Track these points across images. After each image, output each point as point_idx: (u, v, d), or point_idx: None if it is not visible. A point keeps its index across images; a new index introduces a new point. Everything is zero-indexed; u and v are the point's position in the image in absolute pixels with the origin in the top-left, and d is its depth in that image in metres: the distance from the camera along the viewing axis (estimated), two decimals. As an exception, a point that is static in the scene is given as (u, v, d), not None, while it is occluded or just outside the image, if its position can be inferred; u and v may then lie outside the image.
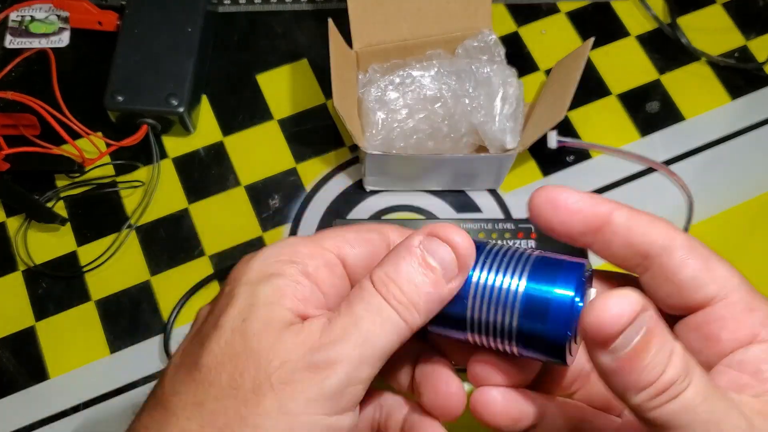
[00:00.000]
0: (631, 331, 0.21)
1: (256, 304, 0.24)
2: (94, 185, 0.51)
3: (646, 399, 0.21)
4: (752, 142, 0.53)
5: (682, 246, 0.26)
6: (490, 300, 0.25)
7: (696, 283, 0.26)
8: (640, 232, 0.25)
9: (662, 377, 0.21)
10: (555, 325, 0.24)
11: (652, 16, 0.57)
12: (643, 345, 0.21)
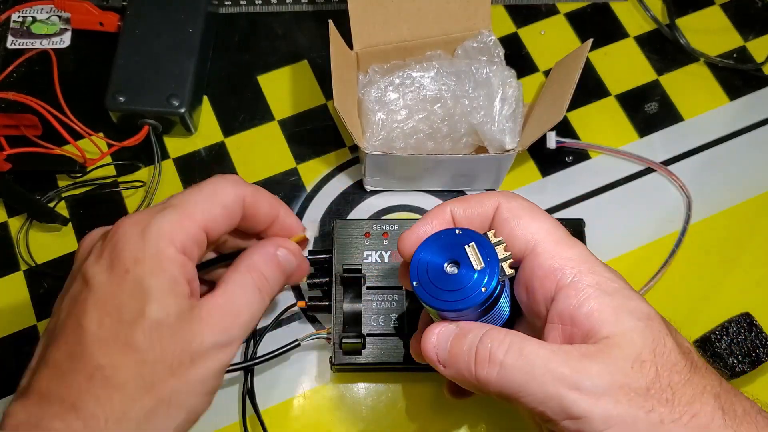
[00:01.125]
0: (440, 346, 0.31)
1: (167, 296, 0.30)
2: (96, 185, 0.51)
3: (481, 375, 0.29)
4: (751, 142, 0.53)
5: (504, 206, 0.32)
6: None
7: (512, 241, 0.31)
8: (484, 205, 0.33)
9: (479, 355, 0.29)
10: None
11: (651, 17, 0.57)
12: (455, 346, 0.30)
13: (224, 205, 0.33)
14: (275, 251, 0.35)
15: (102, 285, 0.30)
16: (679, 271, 0.49)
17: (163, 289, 0.30)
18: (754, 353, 0.44)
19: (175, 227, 0.31)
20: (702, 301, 0.48)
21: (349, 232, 0.45)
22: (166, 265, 0.30)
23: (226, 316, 0.31)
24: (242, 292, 0.32)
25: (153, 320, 0.29)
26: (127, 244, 0.30)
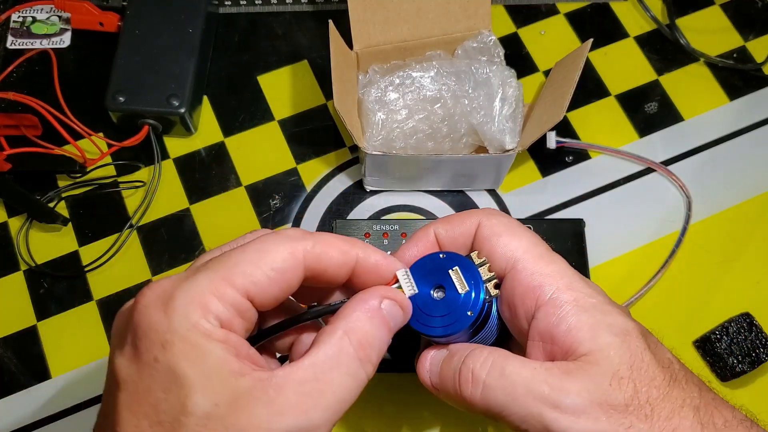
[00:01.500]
0: (432, 371, 0.31)
1: (213, 383, 0.24)
2: (96, 185, 0.51)
3: (466, 395, 0.29)
4: (751, 142, 0.53)
5: (485, 225, 0.31)
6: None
7: (493, 259, 0.31)
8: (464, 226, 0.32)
9: (462, 375, 0.29)
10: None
11: (651, 17, 0.57)
12: (444, 369, 0.30)
13: (273, 267, 0.26)
14: (379, 304, 0.28)
15: (131, 380, 0.25)
16: (679, 271, 0.49)
17: (204, 373, 0.24)
18: (754, 353, 0.44)
19: (207, 294, 0.25)
20: (702, 301, 0.48)
21: (349, 233, 0.45)
22: (203, 344, 0.24)
23: (309, 394, 0.25)
24: (336, 362, 0.26)
25: (199, 415, 0.24)
26: (151, 325, 0.25)
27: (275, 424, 0.24)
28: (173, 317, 0.24)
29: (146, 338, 0.25)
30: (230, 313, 0.26)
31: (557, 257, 0.31)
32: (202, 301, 0.25)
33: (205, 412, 0.24)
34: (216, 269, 0.26)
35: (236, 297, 0.26)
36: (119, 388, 0.25)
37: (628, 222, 0.50)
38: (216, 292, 0.25)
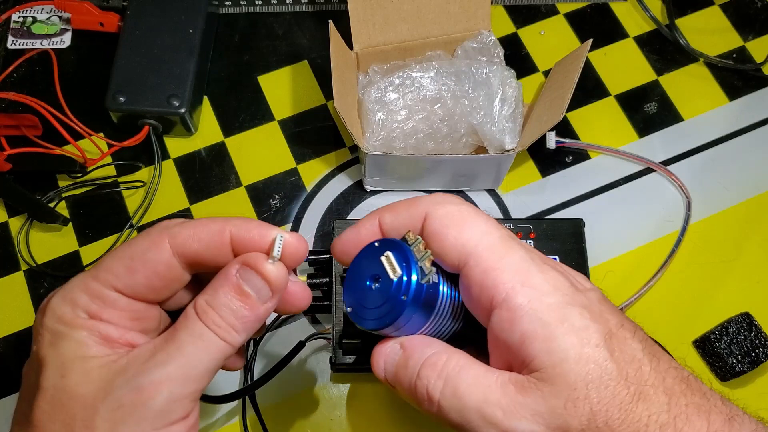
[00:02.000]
0: (388, 370, 0.29)
1: (66, 360, 0.27)
2: (96, 185, 0.51)
3: (425, 409, 0.28)
4: (750, 142, 0.53)
5: (432, 217, 0.29)
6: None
7: (444, 256, 0.29)
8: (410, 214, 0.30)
9: (418, 391, 0.28)
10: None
11: (651, 18, 0.57)
12: (400, 375, 0.29)
13: (131, 257, 0.28)
14: (235, 271, 0.28)
15: (24, 374, 0.29)
16: (679, 271, 0.49)
17: (59, 354, 0.27)
18: (753, 353, 0.44)
19: (76, 291, 0.28)
20: (701, 301, 0.48)
21: (349, 232, 0.45)
22: (63, 331, 0.28)
23: (149, 358, 0.27)
24: (179, 328, 0.28)
25: (47, 388, 0.27)
26: (35, 325, 0.29)
27: (115, 383, 0.26)
28: (46, 314, 0.28)
29: (33, 338, 0.29)
30: (98, 305, 0.28)
31: (514, 244, 0.28)
32: (71, 297, 0.28)
33: (52, 384, 0.27)
34: (89, 270, 0.29)
35: (102, 290, 0.28)
36: (22, 385, 0.30)
37: (628, 222, 0.50)
38: (83, 288, 0.28)
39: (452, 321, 0.30)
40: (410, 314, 0.28)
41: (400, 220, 0.30)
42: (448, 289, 0.30)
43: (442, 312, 0.30)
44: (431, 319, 0.29)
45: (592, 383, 0.25)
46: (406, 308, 0.28)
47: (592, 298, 0.28)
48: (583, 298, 0.27)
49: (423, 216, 0.29)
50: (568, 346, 0.26)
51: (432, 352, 0.28)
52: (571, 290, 0.27)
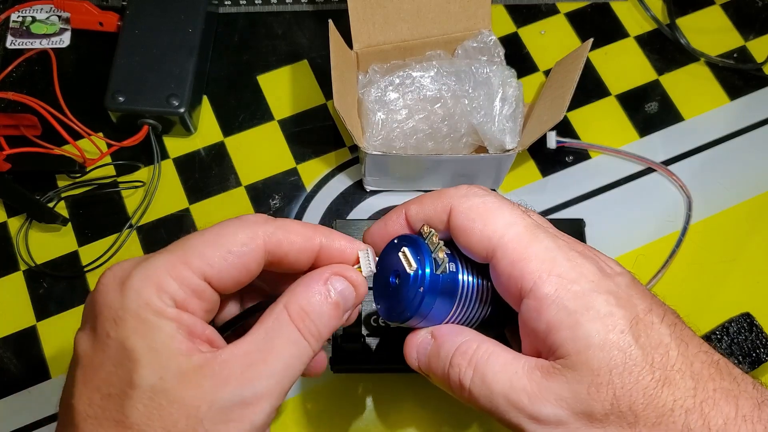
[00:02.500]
0: (421, 360, 0.30)
1: (161, 358, 0.25)
2: (95, 185, 0.51)
3: (459, 396, 0.29)
4: (751, 142, 0.53)
5: (457, 211, 0.29)
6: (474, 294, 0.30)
7: (472, 250, 0.29)
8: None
9: (451, 380, 0.29)
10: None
11: (651, 17, 0.57)
12: (433, 364, 0.30)
13: (230, 250, 0.27)
14: (326, 279, 0.28)
15: (86, 355, 0.26)
16: (680, 271, 0.49)
17: (152, 349, 0.25)
18: (754, 353, 0.44)
19: (162, 274, 0.26)
20: (702, 301, 0.48)
21: (349, 232, 0.44)
22: (153, 321, 0.25)
23: (248, 366, 0.26)
24: (275, 334, 0.27)
25: (145, 388, 0.25)
26: (106, 302, 0.26)
27: (219, 394, 0.25)
28: (127, 295, 0.25)
29: (101, 315, 0.26)
30: (185, 294, 0.26)
31: (540, 233, 0.28)
32: (157, 280, 0.26)
33: (150, 385, 0.25)
34: (174, 251, 0.27)
35: (192, 278, 0.26)
36: (77, 364, 0.26)
37: (629, 222, 0.50)
38: (172, 273, 0.26)
39: (480, 306, 0.31)
40: (430, 304, 0.29)
41: (426, 212, 0.30)
42: (471, 277, 0.30)
43: (467, 299, 0.30)
44: (455, 307, 0.30)
45: (616, 369, 0.26)
46: (425, 299, 0.29)
47: (620, 282, 0.28)
48: (611, 284, 0.27)
49: (448, 209, 0.29)
50: (592, 333, 0.26)
51: (462, 341, 0.29)
52: (599, 276, 0.27)
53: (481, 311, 0.31)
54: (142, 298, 0.25)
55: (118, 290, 0.26)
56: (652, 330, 0.27)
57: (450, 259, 0.29)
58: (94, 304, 0.26)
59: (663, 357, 0.26)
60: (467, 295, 0.30)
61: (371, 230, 0.32)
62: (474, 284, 0.30)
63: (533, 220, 0.29)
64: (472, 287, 0.30)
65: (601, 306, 0.27)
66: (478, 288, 0.30)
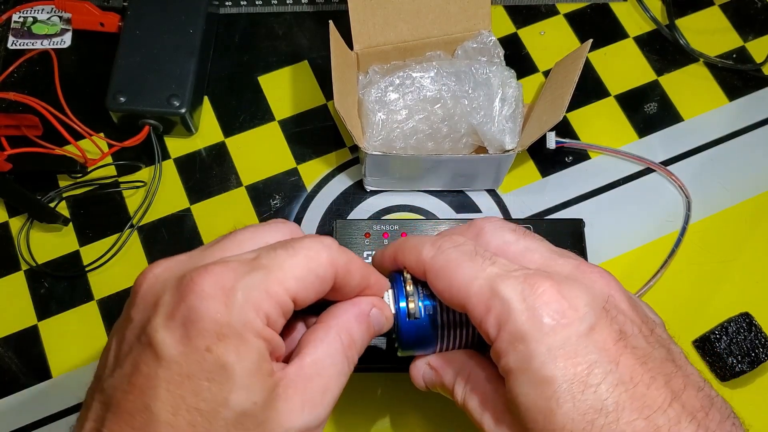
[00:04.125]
0: (428, 385, 0.34)
1: (253, 379, 0.25)
2: (97, 185, 0.51)
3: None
4: (750, 142, 0.53)
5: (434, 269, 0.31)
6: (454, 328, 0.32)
7: (451, 302, 0.30)
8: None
9: (455, 395, 0.32)
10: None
11: (651, 18, 0.57)
12: (437, 387, 0.33)
13: (318, 274, 0.28)
14: (369, 311, 0.30)
15: (175, 360, 0.25)
16: (679, 271, 0.49)
17: (248, 372, 0.25)
18: (753, 353, 0.44)
19: (263, 295, 0.26)
20: (701, 301, 0.48)
21: (349, 233, 0.45)
22: (252, 343, 0.25)
23: (315, 393, 0.27)
24: (332, 361, 0.28)
25: (238, 411, 0.25)
26: (210, 314, 0.25)
27: (296, 421, 0.26)
28: (233, 311, 0.25)
29: (203, 326, 0.25)
30: (277, 314, 0.26)
31: (500, 283, 0.27)
32: (258, 298, 0.26)
33: (243, 408, 0.25)
34: (271, 269, 0.26)
35: (285, 299, 0.27)
36: (160, 365, 0.25)
37: (628, 222, 0.50)
38: (270, 291, 0.26)
39: (468, 335, 0.32)
40: (410, 344, 0.32)
41: (407, 263, 0.32)
42: (453, 315, 0.32)
43: (448, 334, 0.32)
44: (439, 342, 0.32)
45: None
46: (403, 340, 0.32)
47: (570, 334, 0.26)
48: (559, 338, 0.26)
49: (422, 267, 0.31)
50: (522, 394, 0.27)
51: (455, 373, 0.32)
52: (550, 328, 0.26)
53: (471, 337, 0.32)
54: (246, 317, 0.25)
55: (223, 303, 0.25)
56: (587, 393, 0.25)
57: (426, 302, 0.31)
58: (193, 310, 0.25)
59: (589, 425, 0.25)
60: (448, 332, 0.32)
61: (374, 259, 0.34)
62: (455, 321, 0.32)
63: (496, 269, 0.28)
64: (452, 324, 0.32)
65: (539, 361, 0.26)
66: (460, 323, 0.32)
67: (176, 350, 0.25)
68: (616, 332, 0.26)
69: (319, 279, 0.28)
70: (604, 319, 0.26)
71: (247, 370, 0.25)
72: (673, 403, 0.25)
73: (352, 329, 0.29)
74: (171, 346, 0.25)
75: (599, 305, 0.27)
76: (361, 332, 0.29)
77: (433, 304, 0.31)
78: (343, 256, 0.29)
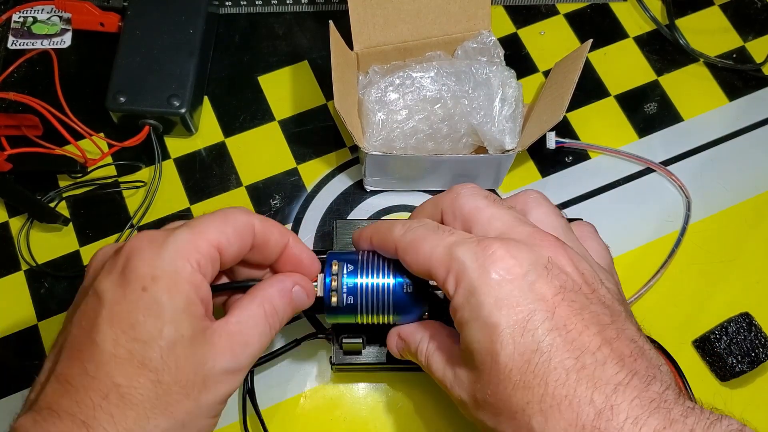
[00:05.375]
0: (401, 353, 0.39)
1: (182, 317, 0.30)
2: (97, 185, 0.51)
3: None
4: (750, 142, 0.53)
5: (402, 245, 0.36)
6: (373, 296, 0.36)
7: (419, 271, 0.34)
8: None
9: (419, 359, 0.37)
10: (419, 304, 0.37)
11: (650, 18, 0.57)
12: (407, 354, 0.38)
13: (235, 227, 0.33)
14: (291, 287, 0.35)
15: (116, 301, 0.30)
16: (679, 271, 0.49)
17: (179, 308, 0.30)
18: (753, 353, 0.44)
19: (190, 245, 0.31)
20: (701, 301, 0.48)
21: (349, 233, 0.45)
22: (182, 284, 0.30)
23: (237, 344, 0.32)
24: (254, 323, 0.33)
25: (169, 340, 0.29)
26: (143, 261, 0.30)
27: (219, 362, 0.31)
28: (164, 257, 0.30)
29: (138, 270, 0.30)
30: (204, 262, 0.31)
31: (457, 249, 0.32)
32: (186, 248, 0.31)
33: (173, 339, 0.29)
34: (194, 226, 0.32)
35: (210, 249, 0.32)
36: (103, 306, 0.30)
37: (628, 222, 0.50)
38: (195, 243, 0.31)
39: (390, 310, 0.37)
40: (334, 320, 0.38)
41: (380, 242, 0.36)
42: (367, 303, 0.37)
43: (366, 314, 0.37)
44: (359, 314, 0.37)
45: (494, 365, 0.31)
46: (327, 319, 0.38)
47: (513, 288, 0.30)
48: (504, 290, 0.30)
49: (394, 246, 0.35)
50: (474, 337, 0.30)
51: (418, 340, 0.36)
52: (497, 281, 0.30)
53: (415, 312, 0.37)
54: (176, 262, 0.30)
55: (156, 253, 0.30)
56: (527, 335, 0.29)
57: (348, 293, 0.36)
58: (129, 259, 0.30)
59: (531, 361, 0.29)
60: (368, 307, 0.37)
61: (353, 237, 0.39)
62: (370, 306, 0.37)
63: (454, 237, 0.32)
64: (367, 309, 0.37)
65: (487, 310, 0.29)
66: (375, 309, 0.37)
67: (116, 293, 0.30)
68: (555, 287, 0.29)
69: (237, 233, 0.33)
70: (545, 275, 0.30)
71: (177, 308, 0.30)
72: (603, 347, 0.28)
73: (274, 300, 0.34)
74: (111, 291, 0.30)
75: (542, 264, 0.30)
76: (283, 304, 0.34)
77: (355, 285, 0.36)
78: (260, 219, 0.34)
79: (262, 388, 0.45)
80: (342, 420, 0.44)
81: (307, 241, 0.50)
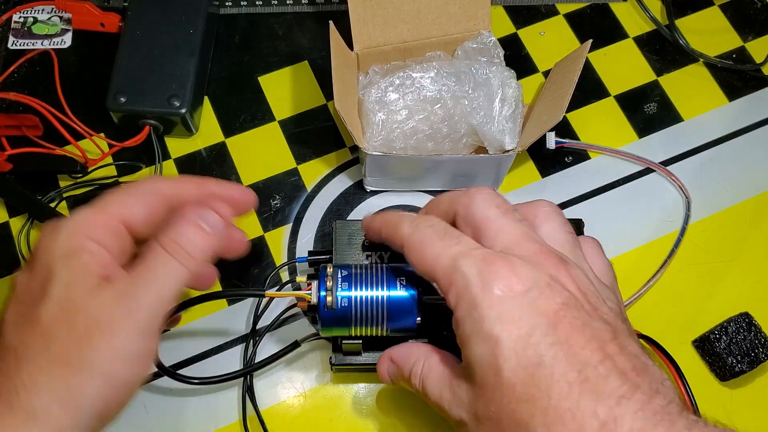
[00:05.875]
0: (393, 380, 0.38)
1: (74, 277, 0.31)
2: (97, 186, 0.51)
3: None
4: (750, 142, 0.53)
5: (409, 245, 0.35)
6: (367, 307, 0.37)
7: (425, 275, 0.34)
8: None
9: (413, 385, 0.36)
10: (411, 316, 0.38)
11: (650, 18, 0.57)
12: (400, 380, 0.38)
13: (137, 196, 0.35)
14: (197, 218, 0.34)
15: (20, 282, 0.33)
16: (679, 271, 0.49)
17: (69, 270, 0.31)
18: (753, 353, 0.44)
19: (88, 221, 0.33)
20: (701, 301, 0.48)
21: (349, 233, 0.45)
22: (75, 252, 0.32)
23: (133, 284, 0.32)
24: (152, 260, 0.33)
25: (56, 298, 0.31)
26: (41, 243, 0.33)
27: (113, 306, 0.31)
28: (58, 235, 0.32)
29: (36, 252, 0.33)
30: (105, 234, 0.33)
31: (461, 260, 0.32)
32: (82, 224, 0.33)
33: (60, 296, 0.31)
34: (95, 204, 0.34)
35: (111, 221, 0.33)
36: (13, 291, 0.33)
37: (627, 222, 0.50)
38: (92, 220, 0.33)
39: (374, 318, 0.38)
40: (328, 326, 0.38)
41: (387, 237, 0.37)
42: (361, 307, 0.37)
43: (363, 321, 0.37)
44: (353, 326, 0.38)
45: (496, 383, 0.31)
46: (322, 325, 0.38)
47: (516, 303, 0.30)
48: (507, 306, 0.30)
49: (401, 244, 0.35)
50: (477, 354, 0.30)
51: (413, 362, 0.36)
52: (498, 300, 0.30)
53: (408, 322, 0.38)
54: (70, 238, 0.32)
55: (52, 233, 0.32)
56: (529, 350, 0.29)
57: (342, 295, 0.37)
58: (34, 250, 0.33)
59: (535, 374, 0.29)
60: (360, 320, 0.37)
61: (363, 224, 0.40)
62: (367, 313, 0.37)
63: (460, 247, 0.32)
64: (364, 316, 0.37)
65: (489, 324, 0.30)
66: (370, 314, 0.37)
67: (22, 277, 0.33)
68: (557, 304, 0.29)
69: (141, 201, 0.34)
70: (547, 292, 0.30)
71: (68, 270, 0.31)
72: (605, 361, 0.28)
73: (171, 234, 0.33)
74: (19, 276, 0.33)
75: (544, 282, 0.30)
76: (189, 235, 0.33)
77: (349, 298, 0.37)
78: (170, 180, 0.36)
79: (262, 389, 0.45)
80: (342, 420, 0.45)
81: (308, 241, 0.50)
